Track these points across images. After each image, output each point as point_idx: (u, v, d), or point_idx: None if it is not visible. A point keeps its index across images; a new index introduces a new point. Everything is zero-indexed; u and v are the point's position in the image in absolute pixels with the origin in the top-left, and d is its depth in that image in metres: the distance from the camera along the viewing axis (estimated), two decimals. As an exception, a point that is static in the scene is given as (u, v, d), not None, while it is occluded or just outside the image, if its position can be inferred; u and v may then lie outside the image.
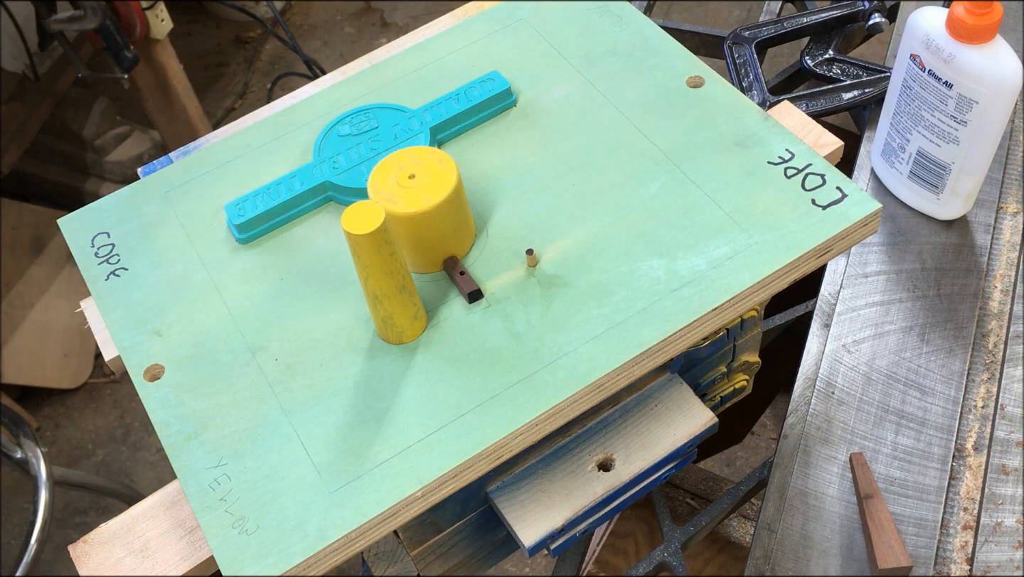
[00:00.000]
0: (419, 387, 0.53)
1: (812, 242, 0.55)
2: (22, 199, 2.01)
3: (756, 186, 0.58)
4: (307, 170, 0.62)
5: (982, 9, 0.69)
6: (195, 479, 0.51)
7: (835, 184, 0.57)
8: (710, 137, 0.61)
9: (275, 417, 0.53)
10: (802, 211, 0.56)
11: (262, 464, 0.51)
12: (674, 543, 0.72)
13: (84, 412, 1.98)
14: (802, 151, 0.59)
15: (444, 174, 0.55)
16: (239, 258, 0.61)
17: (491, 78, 0.65)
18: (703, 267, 0.55)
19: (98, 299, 0.60)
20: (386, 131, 0.64)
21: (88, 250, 0.62)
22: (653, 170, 0.60)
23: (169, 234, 0.62)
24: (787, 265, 0.54)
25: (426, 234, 0.56)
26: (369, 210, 0.49)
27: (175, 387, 0.55)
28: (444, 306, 0.56)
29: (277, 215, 0.61)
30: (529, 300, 0.55)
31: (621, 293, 0.55)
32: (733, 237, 0.56)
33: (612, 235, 0.57)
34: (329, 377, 0.54)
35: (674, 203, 0.58)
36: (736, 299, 0.54)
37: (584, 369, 0.52)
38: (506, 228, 0.59)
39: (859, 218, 0.56)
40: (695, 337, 0.54)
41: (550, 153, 0.62)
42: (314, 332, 0.56)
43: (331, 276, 0.59)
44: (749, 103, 0.62)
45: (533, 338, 0.54)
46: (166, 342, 0.57)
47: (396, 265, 0.51)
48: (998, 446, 0.71)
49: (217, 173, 0.65)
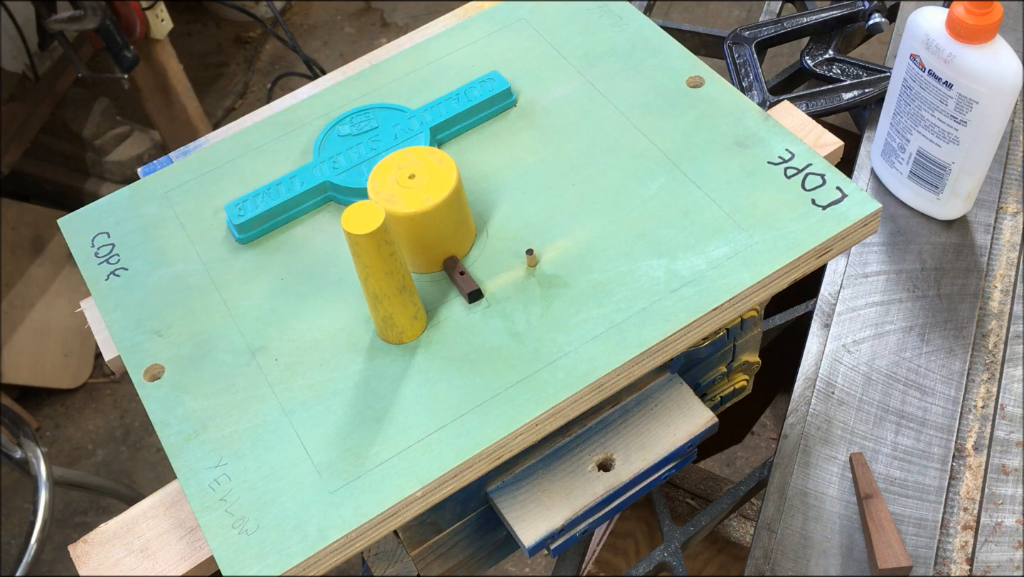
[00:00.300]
0: (419, 387, 0.53)
1: (812, 242, 0.55)
2: (22, 199, 2.01)
3: (756, 186, 0.58)
4: (307, 170, 0.62)
5: (982, 9, 0.69)
6: (195, 479, 0.51)
7: (835, 184, 0.57)
8: (710, 137, 0.61)
9: (275, 417, 0.53)
10: (802, 211, 0.56)
11: (262, 464, 0.51)
12: (674, 543, 0.72)
13: (84, 412, 1.98)
14: (802, 151, 0.59)
15: (444, 174, 0.55)
16: (239, 258, 0.61)
17: (491, 78, 0.65)
18: (703, 267, 0.55)
19: (98, 299, 0.60)
20: (386, 131, 0.64)
21: (88, 250, 0.62)
22: (653, 170, 0.60)
23: (169, 234, 0.62)
24: (787, 265, 0.54)
25: (426, 234, 0.56)
26: (369, 210, 0.49)
27: (175, 387, 0.55)
28: (444, 306, 0.56)
29: (277, 215, 0.61)
30: (529, 300, 0.55)
31: (621, 293, 0.55)
32: (733, 237, 0.56)
33: (612, 235, 0.57)
34: (329, 377, 0.54)
35: (674, 203, 0.58)
36: (736, 299, 0.54)
37: (584, 369, 0.52)
38: (506, 228, 0.59)
39: (859, 218, 0.56)
40: (695, 337, 0.54)
41: (550, 153, 0.62)
42: (314, 332, 0.56)
43: (331, 276, 0.59)
44: (749, 103, 0.62)
45: (533, 338, 0.54)
46: (166, 342, 0.57)
47: (396, 265, 0.51)
48: (998, 446, 0.71)
49: (217, 173, 0.65)
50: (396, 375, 0.54)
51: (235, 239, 0.61)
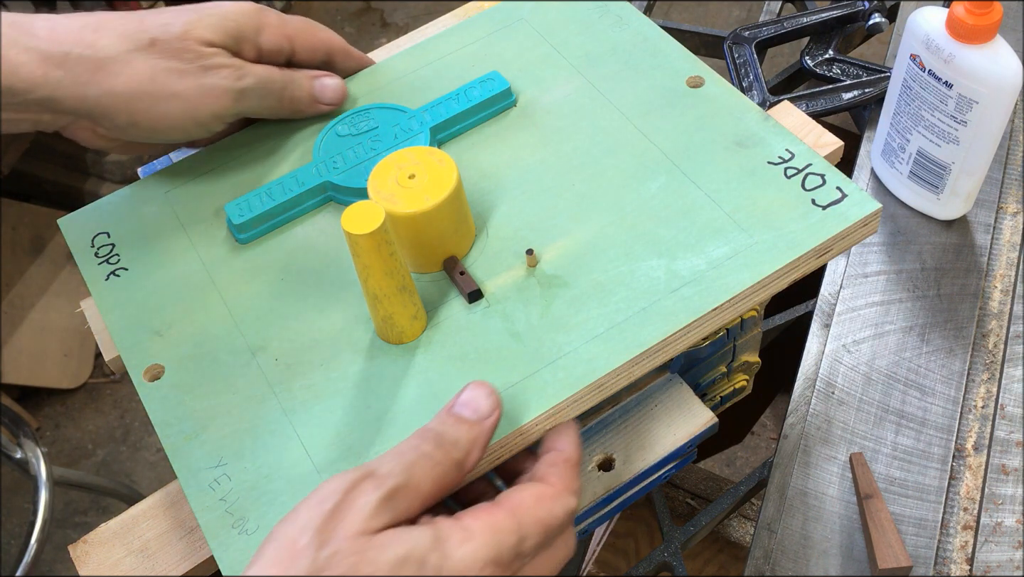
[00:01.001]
0: (419, 387, 0.53)
1: (812, 242, 0.55)
2: (22, 199, 2.01)
3: (756, 186, 0.58)
4: (307, 170, 0.62)
5: (982, 9, 0.69)
6: (195, 479, 0.51)
7: (835, 184, 0.57)
8: (710, 137, 0.61)
9: (275, 417, 0.53)
10: (802, 211, 0.56)
11: (262, 464, 0.51)
12: (674, 543, 0.72)
13: (84, 412, 1.98)
14: (802, 151, 0.59)
15: (444, 174, 0.55)
16: (239, 258, 0.61)
17: (491, 78, 0.65)
18: (703, 267, 0.55)
19: (98, 299, 0.60)
20: (386, 131, 0.64)
21: (88, 250, 0.62)
22: (653, 170, 0.60)
23: (169, 234, 0.62)
24: (787, 265, 0.54)
25: (426, 234, 0.56)
26: (369, 210, 0.49)
27: (175, 387, 0.55)
28: (444, 306, 0.56)
29: (277, 215, 0.61)
30: (529, 300, 0.55)
31: (621, 293, 0.54)
32: (733, 237, 0.56)
33: (612, 235, 0.57)
34: (329, 377, 0.54)
35: (674, 203, 0.58)
36: (736, 299, 0.54)
37: (584, 369, 0.52)
38: (506, 228, 0.59)
39: (859, 218, 0.55)
40: (695, 337, 0.54)
41: (550, 153, 0.62)
42: (314, 332, 0.56)
43: (331, 276, 0.59)
44: (749, 103, 0.62)
45: (533, 338, 0.54)
46: (166, 342, 0.57)
47: (396, 265, 0.51)
48: (998, 446, 0.71)
49: (217, 173, 0.65)
50: (396, 375, 0.54)
51: (235, 239, 0.61)
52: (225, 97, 0.60)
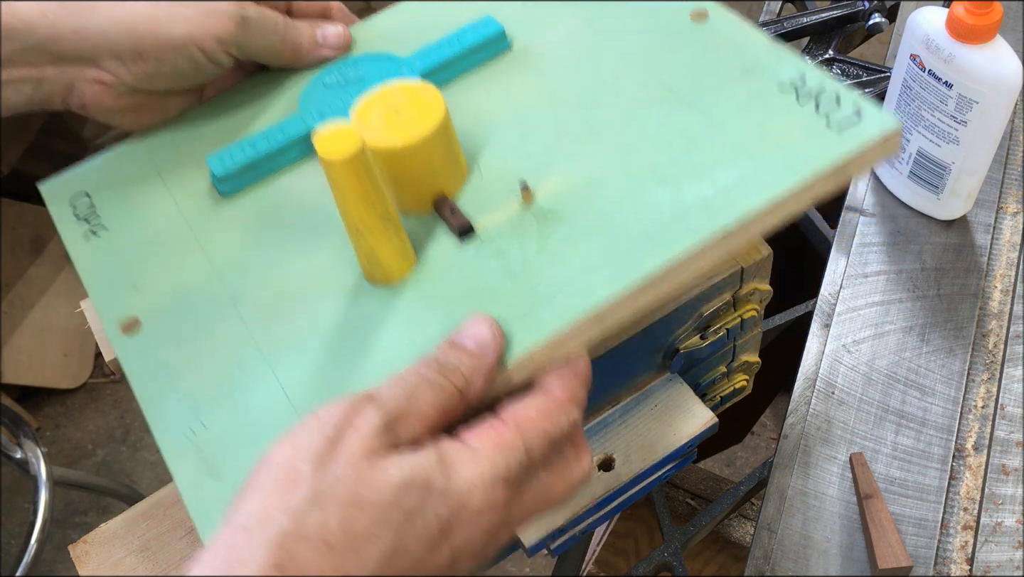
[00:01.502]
0: (407, 326, 0.50)
1: (825, 161, 0.51)
2: (22, 199, 2.01)
3: (766, 113, 0.54)
4: (292, 120, 0.60)
5: (982, 9, 0.69)
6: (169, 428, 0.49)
7: (850, 103, 0.53)
8: (716, 68, 0.57)
9: (254, 364, 0.51)
10: (815, 133, 0.52)
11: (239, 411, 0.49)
12: (674, 543, 0.72)
13: (84, 412, 1.98)
14: (814, 75, 0.55)
15: (431, 107, 0.52)
16: (221, 210, 0.58)
17: (484, 22, 0.63)
18: (710, 193, 0.51)
19: (77, 259, 0.58)
20: (375, 80, 0.61)
21: (67, 211, 0.60)
22: (657, 103, 0.57)
23: (150, 190, 0.60)
24: (799, 185, 0.51)
25: (414, 169, 0.53)
26: (345, 134, 0.46)
27: (151, 338, 0.53)
28: (434, 246, 0.53)
29: (261, 166, 0.59)
30: (524, 236, 0.52)
31: (623, 224, 0.51)
32: (742, 164, 0.52)
33: (613, 168, 0.54)
34: (313, 321, 0.52)
35: (679, 134, 0.55)
36: (746, 222, 0.50)
37: (583, 300, 0.48)
38: (500, 166, 0.56)
39: (877, 135, 0.51)
40: (702, 266, 0.50)
41: (547, 93, 0.59)
42: (298, 278, 0.54)
43: (316, 225, 0.56)
44: (756, 31, 0.59)
45: (529, 274, 0.50)
46: (143, 295, 0.55)
47: (378, 194, 0.48)
48: (998, 446, 0.71)
49: (200, 127, 0.63)
50: (383, 315, 0.51)
51: (218, 192, 0.59)
52: (228, 21, 0.58)
